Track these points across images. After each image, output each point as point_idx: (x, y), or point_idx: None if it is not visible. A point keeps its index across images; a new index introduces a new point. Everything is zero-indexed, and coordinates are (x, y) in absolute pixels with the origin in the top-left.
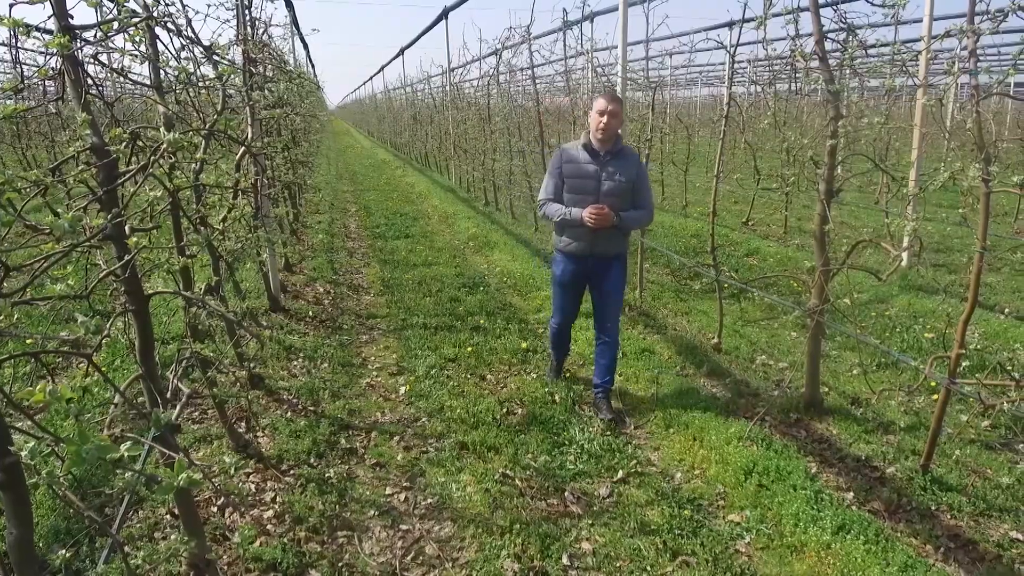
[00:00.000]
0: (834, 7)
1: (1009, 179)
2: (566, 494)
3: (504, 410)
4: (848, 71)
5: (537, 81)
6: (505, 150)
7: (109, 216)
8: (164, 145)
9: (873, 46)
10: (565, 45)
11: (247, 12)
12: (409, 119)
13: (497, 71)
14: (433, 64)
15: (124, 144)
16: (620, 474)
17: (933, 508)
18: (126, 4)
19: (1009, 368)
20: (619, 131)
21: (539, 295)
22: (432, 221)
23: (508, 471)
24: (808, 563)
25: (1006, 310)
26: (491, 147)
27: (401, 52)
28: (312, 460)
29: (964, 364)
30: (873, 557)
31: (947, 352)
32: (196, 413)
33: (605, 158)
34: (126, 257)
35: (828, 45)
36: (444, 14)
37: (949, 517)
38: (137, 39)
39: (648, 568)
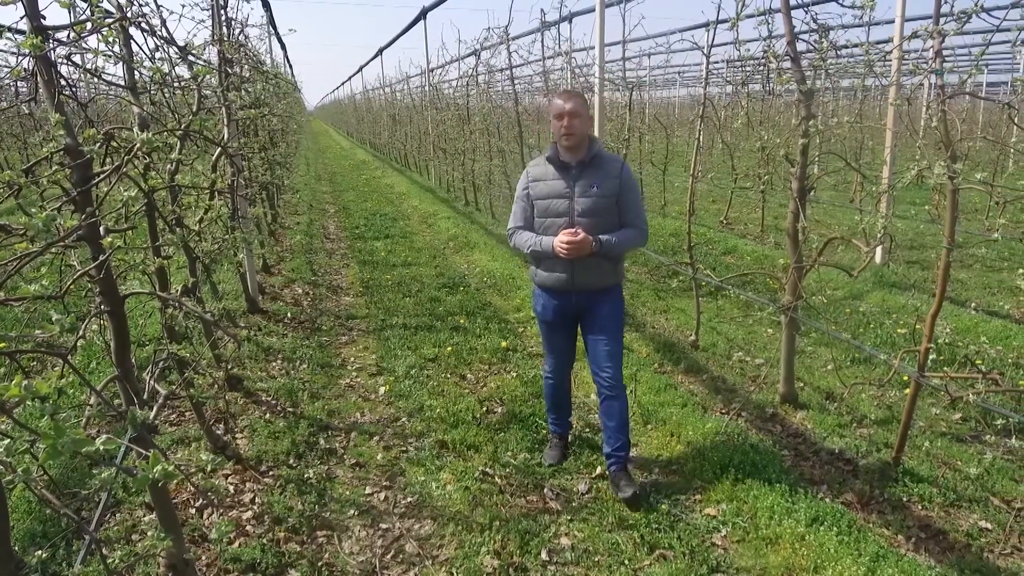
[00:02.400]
0: (805, 9)
1: (973, 176)
2: (545, 491)
3: (484, 409)
4: (821, 72)
5: (516, 81)
6: (485, 150)
7: (83, 217)
8: (138, 145)
9: (844, 47)
10: (543, 46)
11: (223, 12)
12: (388, 119)
13: (476, 71)
14: (412, 64)
15: (98, 145)
16: (599, 470)
17: (904, 499)
18: (99, 4)
19: (979, 362)
20: (590, 134)
21: (519, 294)
22: (412, 221)
23: (488, 469)
24: (783, 555)
25: (972, 305)
26: (471, 147)
27: (379, 52)
28: (291, 461)
29: (931, 358)
30: (846, 548)
31: (917, 346)
32: (174, 416)
33: (576, 170)
34: (101, 258)
35: (800, 46)
36: (422, 14)
37: (920, 508)
38: (111, 39)
39: (626, 562)
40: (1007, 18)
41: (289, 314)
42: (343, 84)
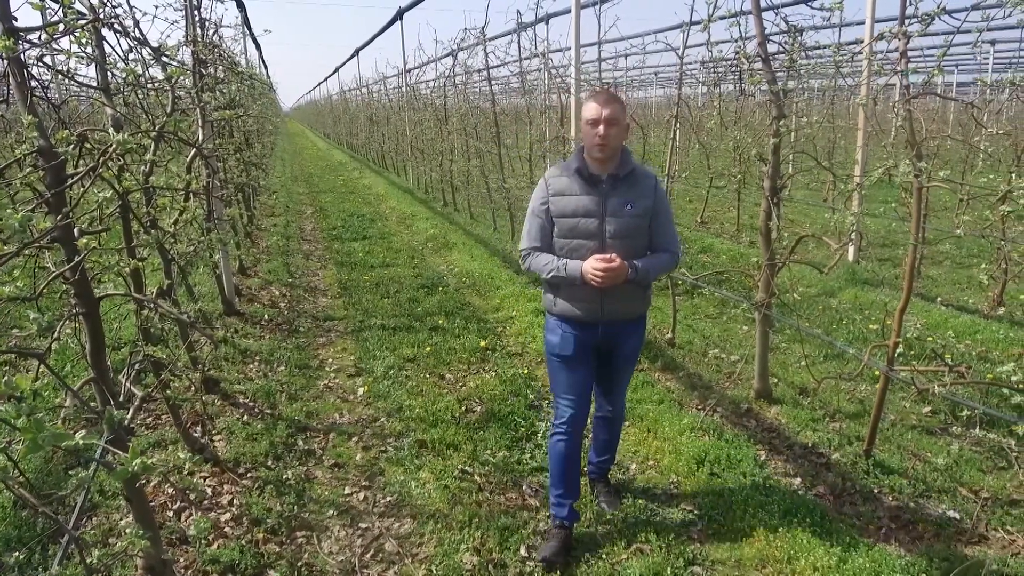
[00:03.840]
0: (776, 11)
1: (937, 175)
2: (524, 488)
3: (463, 408)
4: (793, 72)
5: (493, 82)
6: (463, 151)
7: (58, 218)
8: (113, 147)
9: (814, 48)
10: (520, 47)
11: (196, 13)
12: (365, 120)
13: (453, 72)
14: (388, 65)
15: (72, 146)
16: None
17: (875, 491)
18: (72, 6)
19: (948, 356)
20: (625, 144)
21: (498, 294)
22: (390, 222)
23: (467, 467)
24: (756, 547)
25: (939, 300)
26: (448, 148)
27: (356, 53)
28: (269, 462)
29: (899, 352)
30: (818, 539)
31: (886, 341)
32: (150, 419)
33: (608, 185)
34: (75, 259)
35: (771, 47)
36: (399, 15)
37: (891, 499)
38: (83, 41)
39: (604, 556)
40: (967, 20)
41: (266, 316)
42: (319, 85)
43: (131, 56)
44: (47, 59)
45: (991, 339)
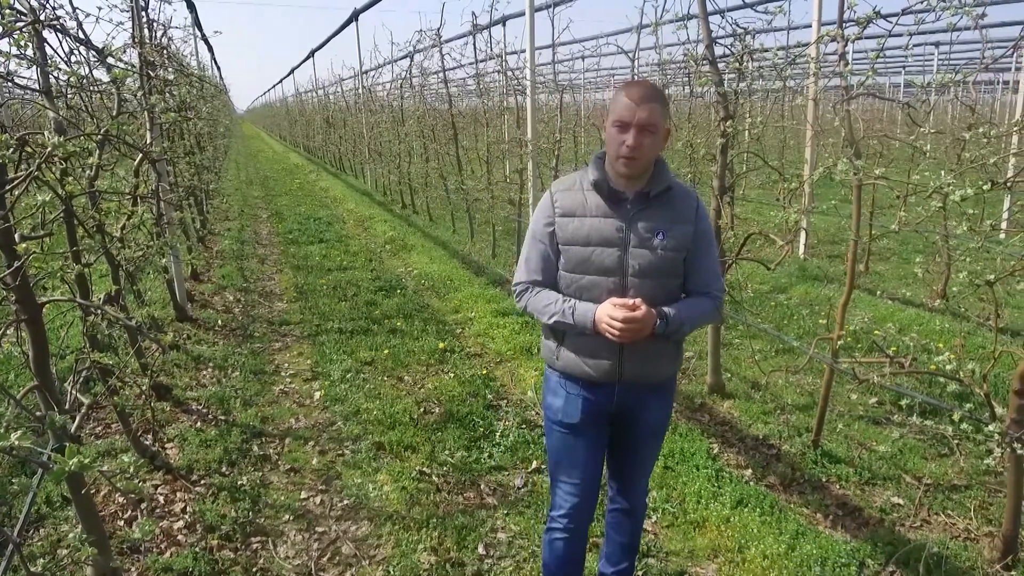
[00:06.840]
0: (722, 14)
1: (872, 172)
2: (482, 487)
3: (422, 409)
4: (741, 74)
5: (450, 84)
6: (421, 153)
7: None
8: (50, 150)
9: (758, 51)
10: (475, 48)
11: (143, 14)
12: (322, 122)
13: (410, 74)
14: (344, 66)
15: (11, 150)
16: (534, 464)
17: (823, 480)
18: (12, 6)
19: (893, 349)
20: (660, 156)
21: (457, 296)
22: (348, 225)
23: (425, 468)
24: (709, 537)
25: (879, 293)
26: (406, 150)
27: (311, 54)
28: (224, 469)
29: (846, 345)
30: (768, 527)
31: (831, 334)
32: (99, 428)
33: (636, 207)
34: (16, 264)
35: (719, 50)
36: (354, 16)
37: (838, 487)
38: (23, 43)
39: None
40: (898, 23)
41: (220, 321)
42: (275, 86)
43: (74, 58)
44: None
45: (933, 331)
